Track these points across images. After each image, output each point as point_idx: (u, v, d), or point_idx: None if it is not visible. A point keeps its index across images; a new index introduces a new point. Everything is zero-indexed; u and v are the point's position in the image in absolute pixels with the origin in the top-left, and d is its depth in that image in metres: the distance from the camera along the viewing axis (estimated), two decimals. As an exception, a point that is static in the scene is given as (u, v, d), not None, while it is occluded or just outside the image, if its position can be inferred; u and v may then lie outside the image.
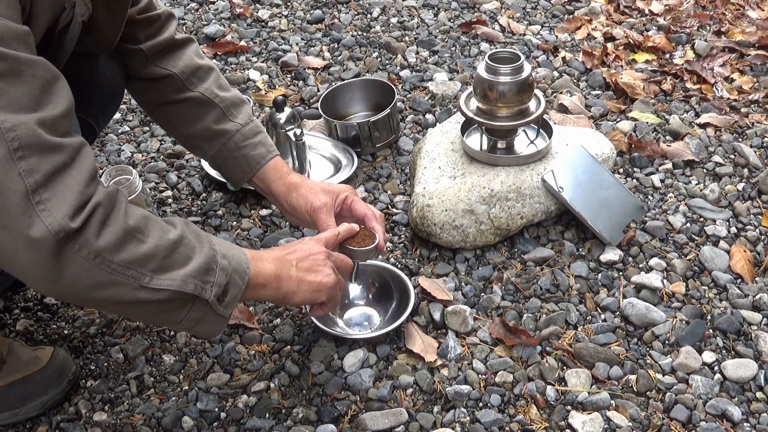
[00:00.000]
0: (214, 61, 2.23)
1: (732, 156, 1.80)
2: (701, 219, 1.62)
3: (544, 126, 1.60)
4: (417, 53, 2.26)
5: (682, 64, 2.19)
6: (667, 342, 1.35)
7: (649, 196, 1.68)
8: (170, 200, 1.71)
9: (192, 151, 1.44)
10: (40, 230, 0.84)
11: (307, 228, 1.40)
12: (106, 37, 1.22)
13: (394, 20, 2.44)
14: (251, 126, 1.35)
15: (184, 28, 2.44)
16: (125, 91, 1.41)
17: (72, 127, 0.93)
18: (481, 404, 1.26)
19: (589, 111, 1.98)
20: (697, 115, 1.96)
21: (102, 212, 0.89)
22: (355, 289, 1.45)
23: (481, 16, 2.46)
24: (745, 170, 1.75)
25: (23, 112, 0.85)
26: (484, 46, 2.29)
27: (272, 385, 1.30)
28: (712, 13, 2.49)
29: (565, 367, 1.31)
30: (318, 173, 1.76)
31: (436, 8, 2.52)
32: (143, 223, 0.93)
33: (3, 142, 0.82)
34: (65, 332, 1.41)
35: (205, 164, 1.77)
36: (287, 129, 1.66)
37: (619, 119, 1.95)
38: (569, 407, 1.25)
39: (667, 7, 2.55)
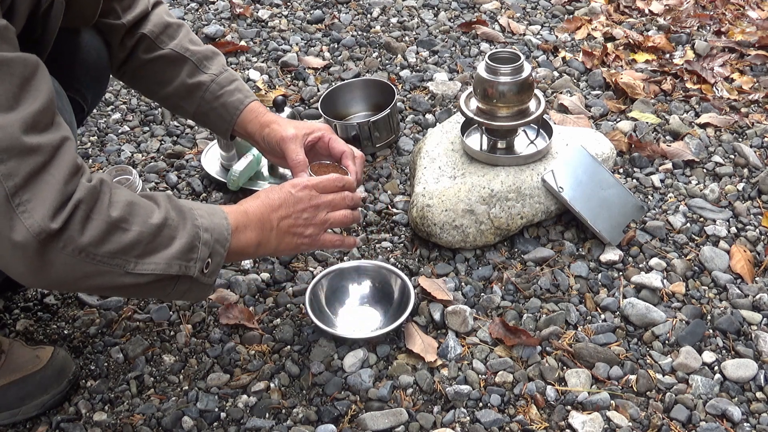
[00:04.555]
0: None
1: (732, 156, 1.80)
2: (701, 219, 1.62)
3: (544, 126, 1.60)
4: (417, 53, 2.26)
5: (682, 64, 2.19)
6: (667, 342, 1.35)
7: (649, 196, 1.68)
8: (170, 200, 1.71)
9: (177, 112, 1.47)
10: (21, 233, 0.85)
11: (283, 166, 1.41)
12: (85, 12, 1.22)
13: (394, 20, 2.44)
14: (226, 74, 1.35)
15: (184, 28, 2.44)
16: (110, 69, 1.41)
17: (54, 117, 0.93)
18: (481, 404, 1.26)
19: (589, 111, 1.98)
20: (697, 115, 1.96)
21: (84, 208, 0.90)
22: (355, 290, 1.45)
23: (481, 16, 2.46)
24: (745, 170, 1.75)
25: (0, 113, 0.85)
26: (484, 46, 2.29)
27: (272, 385, 1.30)
28: (712, 13, 2.49)
29: (565, 367, 1.31)
30: (318, 173, 1.76)
31: (436, 8, 2.52)
32: (127, 211, 0.94)
33: None
34: (65, 332, 1.41)
35: (205, 164, 1.77)
36: (287, 129, 1.66)
37: (619, 119, 1.95)
38: (569, 407, 1.25)
39: (667, 7, 2.55)
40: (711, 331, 1.38)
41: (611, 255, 1.51)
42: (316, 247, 1.23)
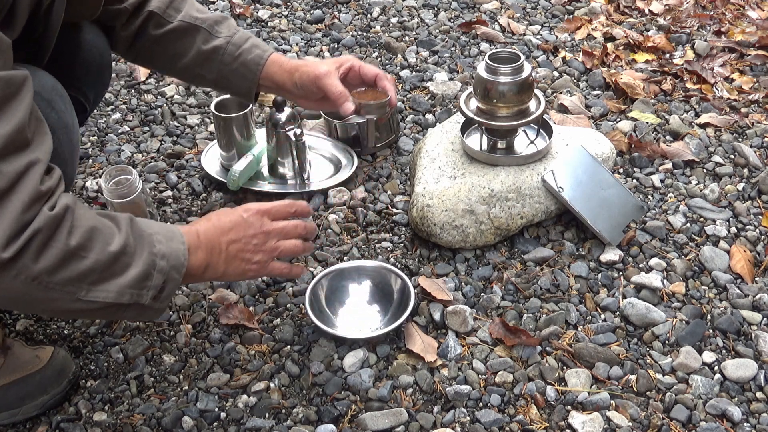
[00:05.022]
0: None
1: (732, 156, 1.80)
2: (701, 219, 1.62)
3: (544, 126, 1.60)
4: (417, 53, 2.26)
5: (682, 64, 2.19)
6: (667, 342, 1.35)
7: (649, 196, 1.68)
8: (170, 200, 1.71)
9: (197, 83, 1.49)
10: None
11: (322, 109, 1.44)
12: (89, 5, 1.23)
13: (394, 20, 2.44)
14: (239, 34, 1.35)
15: (184, 28, 2.44)
16: (113, 67, 1.42)
17: (27, 137, 0.91)
18: (481, 404, 1.26)
19: (589, 111, 1.98)
20: (697, 115, 1.96)
21: (41, 238, 0.89)
22: (355, 290, 1.45)
23: (481, 16, 2.46)
24: (745, 170, 1.75)
25: None
26: (484, 46, 2.29)
27: (272, 385, 1.30)
28: (712, 13, 2.49)
29: (565, 367, 1.31)
30: (318, 173, 1.76)
31: (436, 8, 2.52)
32: (87, 238, 0.93)
33: None
34: (65, 332, 1.41)
35: (205, 164, 1.77)
36: (287, 129, 1.66)
37: (619, 119, 1.95)
38: (569, 407, 1.25)
39: (667, 7, 2.55)
40: (711, 331, 1.38)
41: (611, 255, 1.51)
42: (263, 275, 1.21)
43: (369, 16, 2.47)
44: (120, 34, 1.35)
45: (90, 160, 1.85)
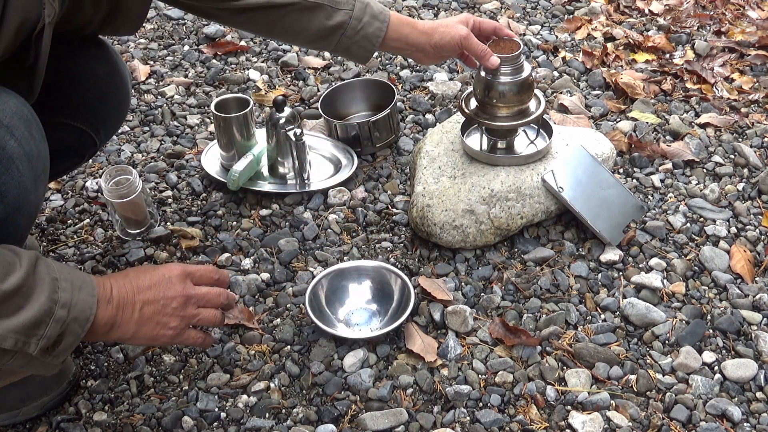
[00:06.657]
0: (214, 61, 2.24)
1: (732, 156, 1.80)
2: (701, 219, 1.62)
3: (544, 126, 1.60)
4: (417, 53, 2.26)
5: (682, 64, 2.19)
6: (667, 342, 1.35)
7: (649, 196, 1.68)
8: (170, 200, 1.71)
9: (314, 49, 1.55)
10: None
11: (430, 63, 1.62)
12: (132, 15, 1.24)
13: (394, 20, 2.43)
14: (358, 6, 1.40)
15: (184, 27, 2.44)
16: (130, 103, 1.41)
17: None
18: (481, 404, 1.26)
19: (589, 111, 1.98)
20: (697, 115, 1.96)
21: None
22: (355, 289, 1.45)
23: (481, 17, 2.45)
24: (745, 170, 1.75)
25: None
26: (484, 46, 2.29)
27: (272, 385, 1.30)
28: (712, 13, 2.49)
29: (565, 367, 1.31)
30: (318, 173, 1.76)
31: (436, 8, 2.52)
32: None
33: None
34: (65, 332, 1.41)
35: (205, 164, 1.77)
36: (287, 129, 1.66)
37: (619, 119, 1.95)
38: (569, 407, 1.25)
39: (667, 7, 2.55)
40: (711, 331, 1.38)
41: (611, 255, 1.51)
42: (176, 343, 1.10)
43: (369, 16, 2.47)
44: (237, 11, 1.36)
45: (90, 160, 1.85)
